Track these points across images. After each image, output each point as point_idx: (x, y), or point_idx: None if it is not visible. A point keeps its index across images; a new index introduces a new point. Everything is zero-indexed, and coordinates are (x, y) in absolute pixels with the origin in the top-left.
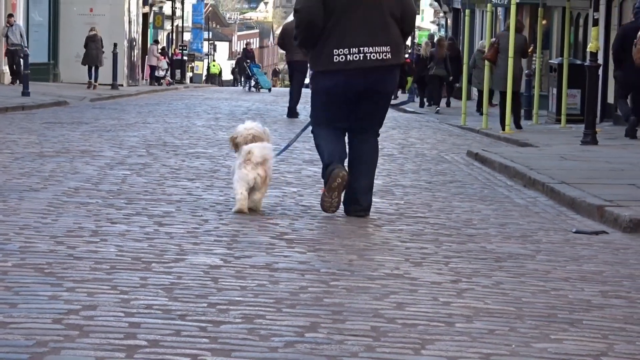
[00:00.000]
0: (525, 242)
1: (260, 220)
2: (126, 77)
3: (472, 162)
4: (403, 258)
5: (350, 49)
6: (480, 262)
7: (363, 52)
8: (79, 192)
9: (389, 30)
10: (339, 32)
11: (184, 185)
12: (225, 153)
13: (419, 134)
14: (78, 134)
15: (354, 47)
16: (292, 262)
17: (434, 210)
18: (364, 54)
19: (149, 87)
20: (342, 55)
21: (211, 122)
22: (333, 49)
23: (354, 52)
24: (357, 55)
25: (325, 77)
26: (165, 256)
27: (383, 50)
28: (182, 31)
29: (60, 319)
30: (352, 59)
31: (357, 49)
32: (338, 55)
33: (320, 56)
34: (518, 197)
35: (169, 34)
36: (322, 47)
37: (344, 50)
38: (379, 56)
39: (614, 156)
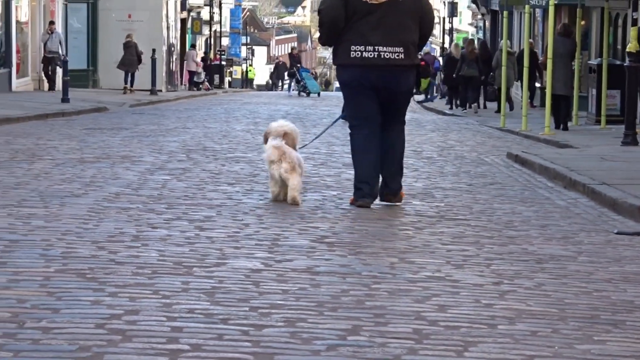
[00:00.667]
0: (567, 243)
1: (300, 223)
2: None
3: (512, 164)
4: (444, 260)
5: (366, 46)
6: (522, 264)
7: (377, 51)
8: (119, 198)
9: (405, 33)
10: (357, 32)
11: (224, 190)
12: None
13: (458, 137)
14: (118, 139)
15: (369, 45)
16: (333, 265)
17: (474, 212)
18: (379, 52)
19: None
20: (359, 51)
21: (250, 127)
22: (351, 46)
23: (370, 49)
24: (373, 53)
25: (344, 70)
26: (206, 260)
27: (396, 51)
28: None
29: (103, 323)
30: (368, 56)
31: (372, 47)
32: (355, 51)
33: (339, 52)
34: (559, 199)
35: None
36: (341, 44)
37: (360, 47)
38: (392, 56)
39: None
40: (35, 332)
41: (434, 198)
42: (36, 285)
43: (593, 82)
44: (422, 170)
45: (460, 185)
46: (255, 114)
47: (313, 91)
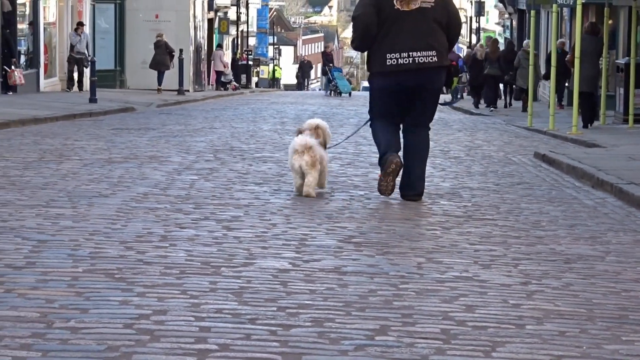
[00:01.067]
0: (595, 243)
1: (328, 223)
2: (192, 82)
3: (539, 164)
4: (472, 260)
5: (401, 53)
6: (549, 263)
7: (412, 56)
8: (147, 198)
9: (435, 37)
10: (391, 39)
11: (251, 190)
12: None
13: (486, 136)
14: (145, 139)
15: (404, 51)
16: (361, 265)
17: (502, 212)
18: (413, 58)
19: (215, 92)
20: (394, 59)
21: (277, 127)
22: (386, 54)
23: (404, 56)
24: (407, 59)
25: (381, 77)
26: (234, 260)
27: (429, 54)
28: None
29: (131, 323)
30: (403, 62)
31: (407, 53)
32: (390, 59)
33: (376, 60)
34: (586, 198)
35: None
36: (376, 51)
37: (395, 55)
38: (425, 59)
39: None
40: (64, 332)
41: (462, 198)
42: (64, 285)
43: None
44: (449, 169)
45: (488, 184)
46: (282, 114)
47: (344, 91)
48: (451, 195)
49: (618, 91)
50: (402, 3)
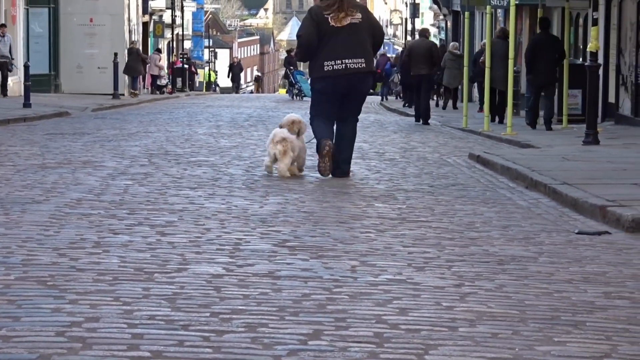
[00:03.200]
0: (528, 244)
1: (262, 227)
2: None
3: (474, 165)
4: (406, 263)
5: (335, 60)
6: (483, 265)
7: (344, 63)
8: (81, 204)
9: (364, 47)
10: (328, 50)
11: (186, 194)
12: (227, 161)
13: (421, 138)
14: (80, 144)
15: (338, 59)
16: (295, 269)
17: (436, 214)
18: (345, 64)
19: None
20: (330, 66)
21: (213, 130)
22: (324, 61)
23: (338, 62)
24: (341, 65)
25: (319, 80)
26: (167, 266)
27: (359, 61)
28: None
29: (63, 331)
30: (337, 68)
31: (340, 60)
32: (327, 65)
33: (315, 67)
34: (520, 199)
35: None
36: (316, 60)
37: (331, 62)
38: (355, 65)
39: (616, 156)
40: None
41: (396, 200)
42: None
43: None
44: (384, 172)
45: (422, 186)
46: (217, 117)
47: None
48: (386, 198)
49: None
50: (336, 21)
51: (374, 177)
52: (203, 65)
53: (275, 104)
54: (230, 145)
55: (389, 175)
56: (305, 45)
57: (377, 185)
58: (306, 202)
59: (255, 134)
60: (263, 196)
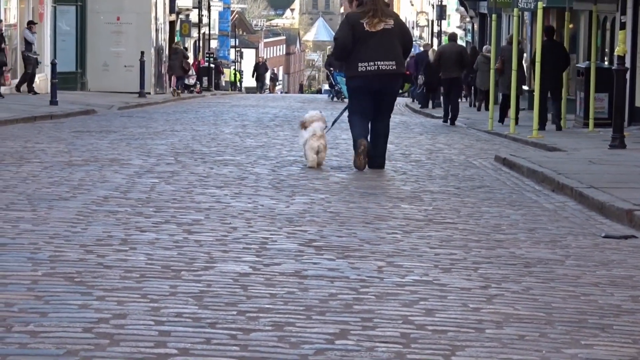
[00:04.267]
0: (555, 247)
1: (288, 227)
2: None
3: (500, 167)
4: (432, 264)
5: (368, 62)
6: (509, 267)
7: (377, 65)
8: (108, 201)
9: (395, 51)
10: (362, 52)
11: (212, 193)
12: (253, 160)
13: (447, 140)
14: (106, 142)
15: (371, 61)
16: (322, 269)
17: (462, 215)
18: (377, 66)
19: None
20: (364, 66)
21: (239, 130)
22: (358, 62)
23: (371, 64)
24: (374, 67)
25: (354, 80)
26: (194, 264)
27: (390, 64)
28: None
29: (90, 327)
30: (370, 69)
31: (373, 62)
32: (361, 66)
33: (350, 67)
34: (547, 202)
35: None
36: (352, 61)
37: (364, 63)
38: (387, 67)
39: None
40: (23, 336)
41: (422, 201)
42: (24, 288)
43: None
44: (410, 173)
45: (449, 188)
46: (243, 117)
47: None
48: (412, 199)
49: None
50: (370, 26)
51: (400, 179)
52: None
53: (301, 104)
54: (256, 144)
55: (415, 176)
56: (341, 46)
57: (403, 187)
58: (332, 202)
59: (282, 134)
60: (289, 196)
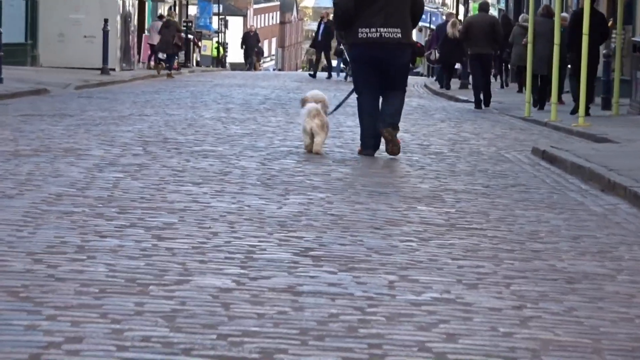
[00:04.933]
0: (604, 259)
1: (280, 232)
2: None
3: (538, 162)
4: (455, 279)
5: (370, 28)
6: (548, 283)
7: (379, 32)
8: (61, 199)
9: (401, 17)
10: (364, 17)
11: (188, 191)
12: (238, 151)
13: (474, 128)
14: (60, 128)
15: (373, 27)
16: (320, 284)
17: (492, 220)
18: (380, 33)
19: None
20: (365, 33)
21: (221, 114)
22: (358, 28)
23: (373, 31)
24: (376, 34)
25: (355, 47)
26: (165, 277)
27: (395, 31)
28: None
29: (38, 354)
30: (371, 36)
31: (375, 29)
32: (362, 33)
33: (350, 34)
34: (595, 204)
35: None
36: (352, 27)
37: (365, 30)
38: (391, 35)
39: None
40: None
41: (444, 202)
42: None
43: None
44: (429, 168)
45: (476, 187)
46: (227, 99)
47: None
48: (431, 200)
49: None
50: None
51: (417, 175)
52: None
53: (298, 84)
54: (242, 132)
55: (434, 172)
56: (342, 11)
57: (420, 184)
58: (334, 202)
59: (273, 119)
60: (282, 195)
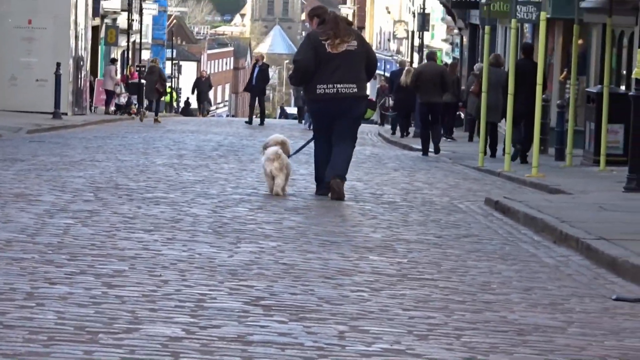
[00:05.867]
0: (555, 311)
1: (231, 281)
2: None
3: (491, 212)
4: (405, 330)
5: (327, 84)
6: (499, 335)
7: (336, 87)
8: (11, 246)
9: (357, 73)
10: (322, 74)
11: (139, 238)
12: (190, 199)
13: (427, 177)
14: (11, 173)
15: (330, 83)
16: (271, 333)
17: (444, 271)
18: (337, 88)
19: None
20: (322, 89)
21: (174, 160)
22: (317, 85)
23: (330, 87)
24: (332, 89)
25: (313, 102)
26: (115, 325)
27: (350, 86)
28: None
29: None
30: (328, 92)
31: (332, 85)
32: (319, 89)
33: (310, 89)
34: (547, 256)
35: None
36: (311, 83)
37: (323, 86)
38: (347, 90)
39: None
40: None
41: (396, 252)
42: None
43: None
44: (381, 218)
45: (428, 237)
46: (179, 145)
47: None
48: (383, 249)
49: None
50: (333, 47)
51: (369, 224)
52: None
53: (251, 131)
54: (194, 179)
55: (387, 221)
56: (302, 70)
57: (372, 234)
58: (286, 251)
59: (226, 166)
60: (233, 243)
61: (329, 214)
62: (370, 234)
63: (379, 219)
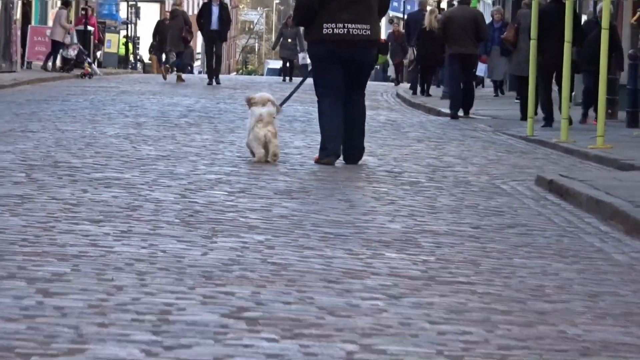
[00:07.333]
0: (630, 323)
1: (206, 286)
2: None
3: (544, 195)
4: (434, 349)
5: (337, 24)
6: (557, 356)
7: (347, 27)
8: None
9: (370, 11)
10: (329, 11)
11: (85, 231)
12: (151, 179)
13: (460, 150)
14: None
15: (340, 22)
16: (257, 355)
17: (483, 271)
18: (348, 29)
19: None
20: (330, 29)
21: (130, 130)
22: (323, 24)
23: (340, 26)
24: (343, 30)
25: (317, 44)
26: (52, 345)
27: (364, 27)
28: None
29: None
30: (338, 32)
31: (342, 24)
32: (327, 28)
33: (313, 29)
34: (617, 251)
35: None
36: (315, 22)
37: (331, 25)
38: (359, 32)
39: None
40: None
41: (420, 248)
42: None
43: None
44: (400, 203)
45: (462, 227)
46: (137, 111)
47: None
48: (403, 244)
49: None
50: None
51: (385, 211)
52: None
53: (232, 91)
54: (156, 154)
55: (408, 208)
56: (305, 5)
57: (389, 224)
58: (276, 247)
59: (198, 137)
60: (208, 236)
61: (333, 199)
62: (387, 224)
63: (397, 204)
